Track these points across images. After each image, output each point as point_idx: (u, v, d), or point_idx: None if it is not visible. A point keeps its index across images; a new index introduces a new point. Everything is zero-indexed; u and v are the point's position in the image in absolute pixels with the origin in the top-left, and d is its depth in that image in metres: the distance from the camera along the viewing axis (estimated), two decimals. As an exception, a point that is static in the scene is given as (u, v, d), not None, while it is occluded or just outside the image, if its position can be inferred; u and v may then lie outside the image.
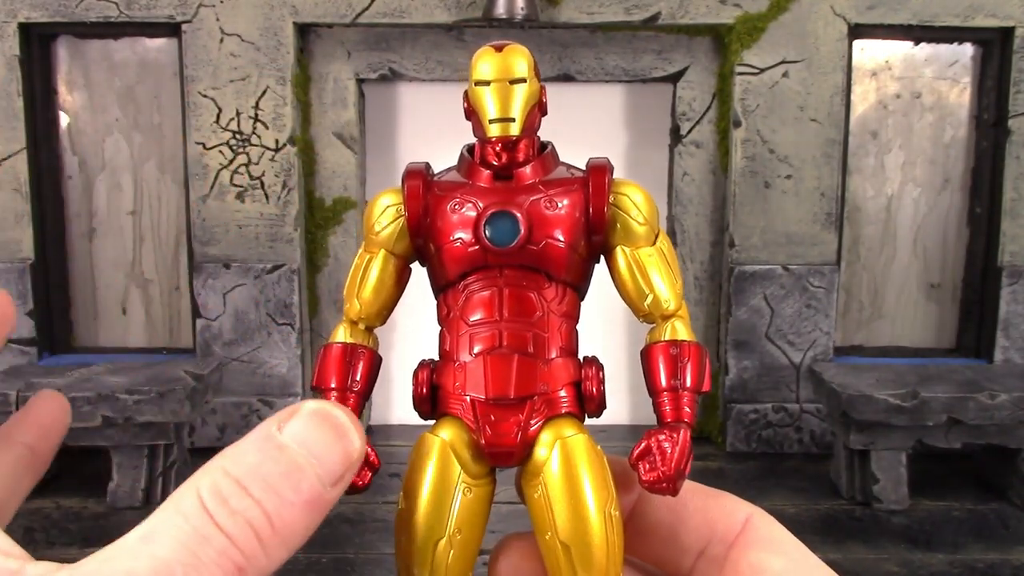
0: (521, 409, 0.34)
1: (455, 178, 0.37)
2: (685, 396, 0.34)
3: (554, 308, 0.35)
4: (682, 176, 3.09)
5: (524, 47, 0.36)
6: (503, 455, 0.34)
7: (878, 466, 2.61)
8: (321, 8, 2.87)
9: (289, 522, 0.27)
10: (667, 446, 0.33)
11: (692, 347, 0.35)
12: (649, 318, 0.37)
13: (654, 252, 0.36)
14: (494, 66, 0.35)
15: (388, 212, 0.37)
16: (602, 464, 0.34)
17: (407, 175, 0.37)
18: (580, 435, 0.34)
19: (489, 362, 0.34)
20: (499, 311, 0.35)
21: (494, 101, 0.35)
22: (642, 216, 0.36)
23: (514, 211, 0.35)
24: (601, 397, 0.36)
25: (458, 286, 0.36)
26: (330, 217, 3.09)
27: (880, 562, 2.30)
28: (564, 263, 0.36)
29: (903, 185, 3.11)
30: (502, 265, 0.35)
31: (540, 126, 0.37)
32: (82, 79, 3.05)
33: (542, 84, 0.37)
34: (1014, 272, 2.98)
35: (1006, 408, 2.51)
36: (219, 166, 2.95)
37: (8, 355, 2.99)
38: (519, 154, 0.36)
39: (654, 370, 0.35)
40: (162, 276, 3.16)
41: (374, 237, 0.37)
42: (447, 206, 0.36)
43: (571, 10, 2.86)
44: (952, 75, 3.05)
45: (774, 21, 2.88)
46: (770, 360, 3.05)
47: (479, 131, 0.36)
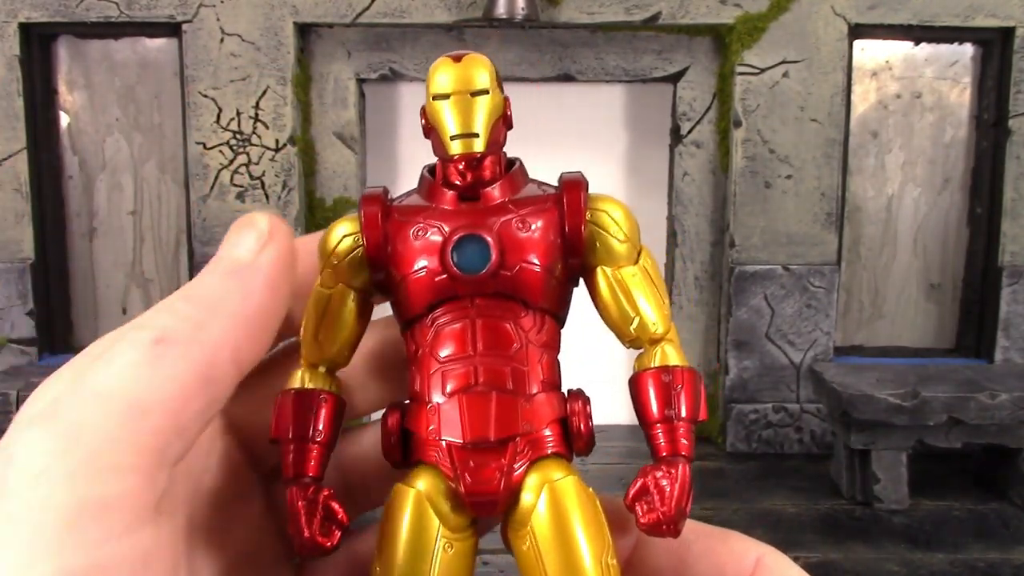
0: (503, 452, 0.31)
1: (416, 201, 0.34)
2: (681, 427, 0.31)
3: (533, 338, 0.32)
4: (682, 176, 3.09)
5: (484, 56, 0.33)
6: (486, 504, 0.31)
7: (878, 466, 2.61)
8: (321, 8, 2.87)
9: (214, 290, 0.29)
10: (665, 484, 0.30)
11: (685, 373, 0.32)
12: (636, 343, 0.34)
13: (637, 271, 0.33)
14: (452, 77, 0.32)
15: (344, 242, 0.34)
16: (595, 508, 0.31)
17: (363, 201, 0.34)
18: (569, 477, 0.31)
19: (465, 402, 0.31)
20: (472, 345, 0.32)
21: (454, 115, 0.32)
22: (622, 233, 0.33)
23: (484, 234, 0.32)
24: (590, 434, 0.32)
25: (425, 320, 0.33)
26: (330, 217, 3.09)
27: (880, 562, 2.30)
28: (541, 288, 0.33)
29: (903, 185, 3.11)
30: (473, 294, 0.32)
31: (506, 141, 0.34)
32: (82, 79, 3.05)
33: (506, 96, 0.34)
34: (1014, 272, 2.98)
35: (1006, 408, 2.51)
36: (219, 166, 2.95)
37: (8, 355, 2.99)
38: (485, 172, 0.33)
39: (645, 400, 0.32)
40: (162, 276, 3.16)
41: (330, 271, 0.34)
42: (409, 232, 0.33)
43: (571, 10, 2.86)
44: (952, 75, 3.05)
45: (774, 21, 2.88)
46: (770, 360, 3.05)
47: (439, 149, 0.33)
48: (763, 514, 2.59)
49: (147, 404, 0.25)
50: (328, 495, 0.31)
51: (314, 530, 0.31)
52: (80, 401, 0.25)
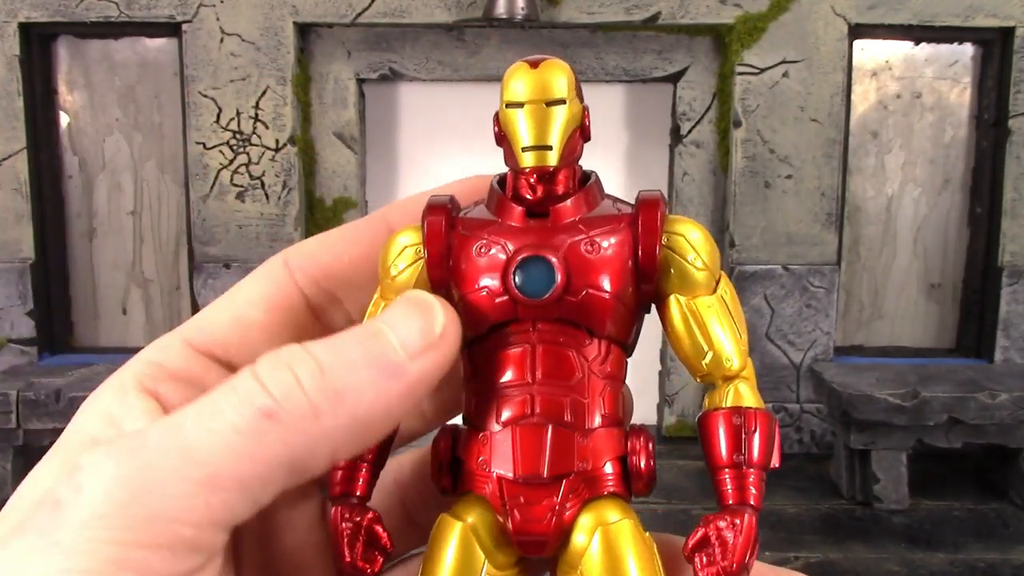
0: (556, 490, 0.29)
1: (483, 215, 0.32)
2: (751, 475, 0.30)
3: (596, 368, 0.30)
4: (682, 176, 3.09)
5: (564, 63, 0.31)
6: (534, 544, 0.29)
7: (878, 466, 2.61)
8: (321, 8, 2.87)
9: (347, 377, 0.25)
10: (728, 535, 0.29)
11: (760, 415, 0.31)
12: (708, 378, 0.32)
13: (714, 302, 0.31)
14: (528, 85, 0.30)
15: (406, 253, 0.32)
16: (651, 555, 0.29)
17: (428, 210, 0.32)
18: (626, 520, 0.29)
19: (519, 434, 0.29)
20: (531, 372, 0.30)
21: (528, 126, 0.30)
22: (700, 260, 0.31)
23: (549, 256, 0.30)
24: (651, 473, 0.30)
25: (484, 342, 0.31)
26: (330, 217, 3.09)
27: (880, 562, 2.30)
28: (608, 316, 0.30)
29: (903, 185, 3.12)
30: (535, 318, 0.30)
31: (582, 153, 0.32)
32: (82, 79, 3.05)
33: (585, 105, 0.31)
34: (1014, 272, 2.98)
35: (1006, 408, 2.51)
36: (219, 166, 2.95)
37: (8, 355, 2.99)
38: (557, 187, 0.31)
39: (714, 442, 0.30)
40: (162, 276, 3.16)
41: (390, 282, 0.32)
42: (473, 248, 0.31)
43: (571, 10, 2.86)
44: (952, 75, 3.05)
45: (774, 21, 2.88)
46: (770, 360, 3.05)
47: (511, 160, 0.31)
48: (763, 514, 2.56)
49: (227, 480, 0.24)
50: (373, 518, 0.30)
51: (356, 555, 0.30)
52: (163, 452, 0.24)
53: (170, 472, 0.23)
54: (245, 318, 0.32)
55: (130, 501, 0.23)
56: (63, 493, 0.23)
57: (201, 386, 0.29)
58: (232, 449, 0.24)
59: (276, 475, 0.24)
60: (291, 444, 0.24)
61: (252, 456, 0.24)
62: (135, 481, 0.23)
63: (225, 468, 0.24)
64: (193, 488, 0.23)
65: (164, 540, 0.23)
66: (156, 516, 0.23)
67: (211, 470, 0.24)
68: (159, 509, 0.23)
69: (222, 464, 0.24)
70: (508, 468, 0.29)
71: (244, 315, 0.32)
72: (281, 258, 0.33)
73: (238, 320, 0.32)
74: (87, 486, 0.23)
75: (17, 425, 2.51)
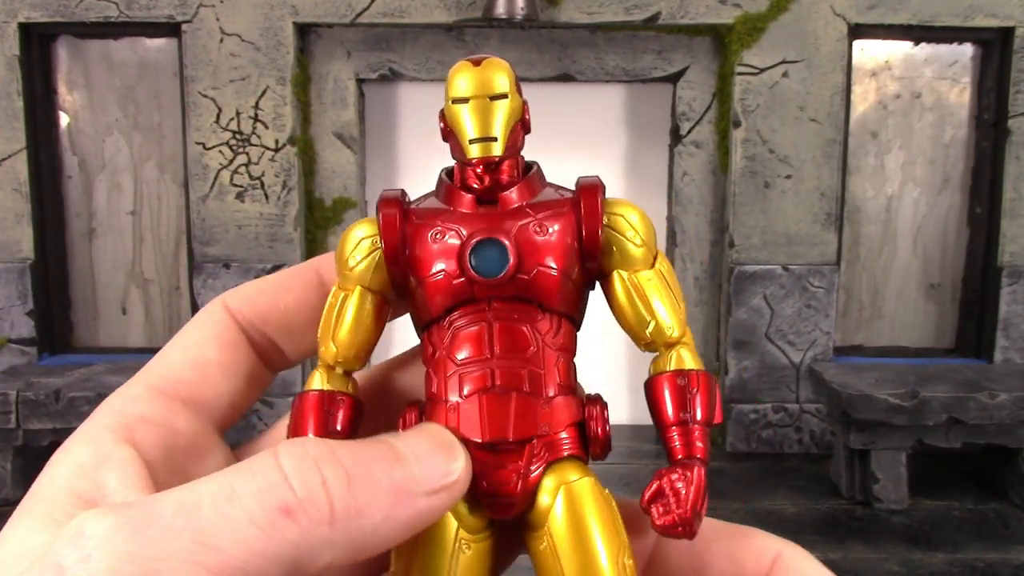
0: (520, 454, 0.31)
1: (434, 204, 0.34)
2: (696, 430, 0.32)
3: (549, 341, 0.33)
4: (682, 176, 3.09)
5: (503, 61, 0.33)
6: (503, 505, 0.31)
7: (878, 466, 2.61)
8: (321, 8, 2.87)
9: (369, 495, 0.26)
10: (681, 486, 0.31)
11: (701, 376, 0.32)
12: (652, 347, 0.34)
13: (653, 275, 0.33)
14: (472, 81, 0.32)
15: (363, 245, 0.34)
16: (611, 509, 0.31)
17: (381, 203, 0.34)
18: (586, 479, 0.31)
19: (485, 402, 0.31)
20: (489, 348, 0.32)
21: (473, 119, 0.32)
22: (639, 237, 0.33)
23: (501, 238, 0.32)
24: (607, 438, 0.33)
25: (443, 322, 0.33)
26: (330, 217, 3.09)
27: (880, 561, 2.30)
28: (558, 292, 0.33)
29: (903, 185, 3.12)
30: (490, 298, 0.32)
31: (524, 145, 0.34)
32: (82, 79, 3.05)
33: (524, 100, 0.34)
34: (1014, 272, 2.98)
35: (1006, 408, 2.51)
36: (219, 166, 2.95)
37: (8, 355, 2.99)
38: (503, 176, 0.33)
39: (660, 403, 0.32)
40: (162, 276, 3.16)
41: (348, 273, 0.34)
42: (427, 235, 0.33)
43: (571, 10, 2.86)
44: (952, 75, 3.05)
45: (774, 21, 2.88)
46: (770, 360, 3.05)
47: (458, 153, 0.33)
48: (763, 514, 2.59)
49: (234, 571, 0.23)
50: None
51: None
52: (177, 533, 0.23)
53: (182, 555, 0.23)
54: (202, 358, 0.33)
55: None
56: (67, 559, 0.22)
57: (172, 429, 0.30)
58: (246, 542, 0.23)
59: (276, 572, 0.24)
60: (300, 545, 0.24)
61: (263, 551, 0.24)
62: (145, 559, 0.22)
63: (235, 559, 0.23)
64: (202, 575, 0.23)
65: None
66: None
67: (223, 559, 0.23)
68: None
69: (233, 554, 0.23)
70: (476, 434, 0.31)
71: (200, 356, 0.33)
72: (220, 302, 0.34)
73: (195, 361, 0.32)
74: (95, 558, 0.22)
75: (17, 425, 2.51)
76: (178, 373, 0.32)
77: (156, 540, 0.23)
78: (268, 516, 0.24)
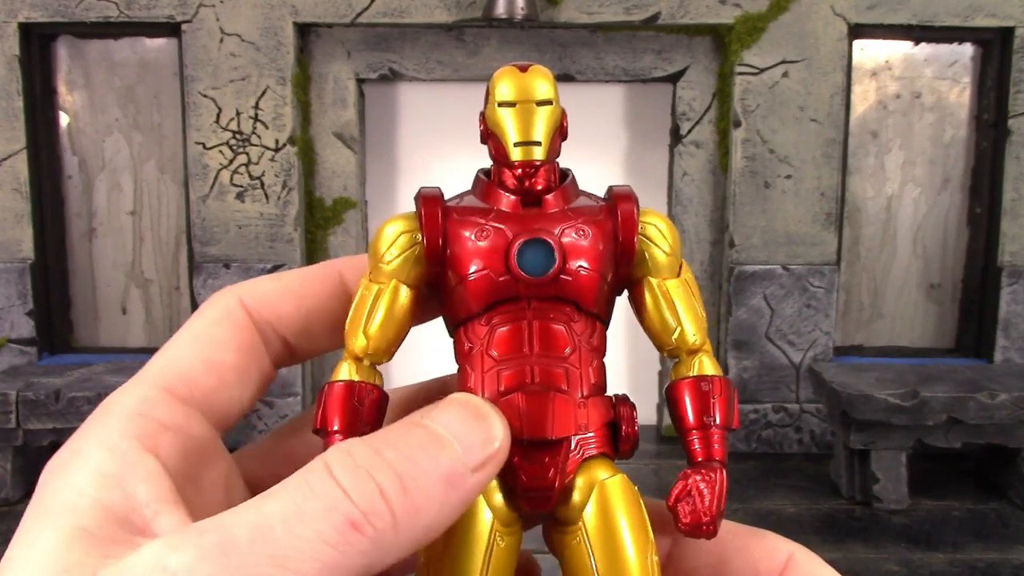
0: (558, 451, 0.32)
1: (474, 203, 0.35)
2: (716, 433, 0.33)
3: (585, 342, 0.34)
4: (682, 176, 3.09)
5: (547, 69, 0.34)
6: (542, 499, 0.32)
7: (878, 466, 2.61)
8: (321, 8, 2.87)
9: (424, 491, 0.26)
10: (704, 487, 0.32)
11: (721, 383, 0.34)
12: (674, 352, 0.35)
13: (680, 284, 0.35)
14: (519, 86, 0.33)
15: (401, 240, 0.34)
16: (640, 508, 0.32)
17: (424, 200, 0.34)
18: (617, 476, 0.32)
19: (524, 400, 0.32)
20: (529, 346, 0.33)
21: (517, 123, 0.33)
22: (668, 246, 0.35)
23: (548, 238, 0.33)
24: (635, 437, 0.34)
25: (481, 319, 0.34)
26: (330, 217, 3.09)
27: (880, 562, 2.30)
28: (595, 294, 0.34)
29: (903, 185, 3.12)
30: (532, 296, 0.33)
31: (561, 152, 0.35)
32: (82, 79, 3.05)
33: (563, 109, 0.35)
34: (1014, 272, 2.98)
35: (1006, 408, 2.51)
36: (219, 166, 2.95)
37: (8, 355, 2.99)
38: (540, 181, 0.34)
39: (682, 407, 0.34)
40: (162, 276, 3.16)
41: (383, 267, 0.34)
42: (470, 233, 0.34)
43: (571, 10, 2.86)
44: (952, 75, 3.05)
45: (774, 21, 2.88)
46: (770, 360, 3.05)
47: (499, 155, 0.34)
48: (763, 514, 2.59)
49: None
50: None
51: None
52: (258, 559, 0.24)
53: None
54: (217, 362, 0.32)
55: None
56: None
57: (188, 435, 0.30)
58: (321, 560, 0.24)
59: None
60: (369, 554, 0.25)
61: (336, 566, 0.24)
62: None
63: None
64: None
65: None
66: None
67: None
68: None
69: (310, 574, 0.24)
70: (515, 431, 0.31)
71: (216, 359, 0.32)
72: (236, 298, 0.34)
73: (212, 364, 0.32)
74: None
75: (17, 425, 2.51)
76: (194, 375, 0.31)
77: (238, 569, 0.23)
78: (338, 533, 0.24)
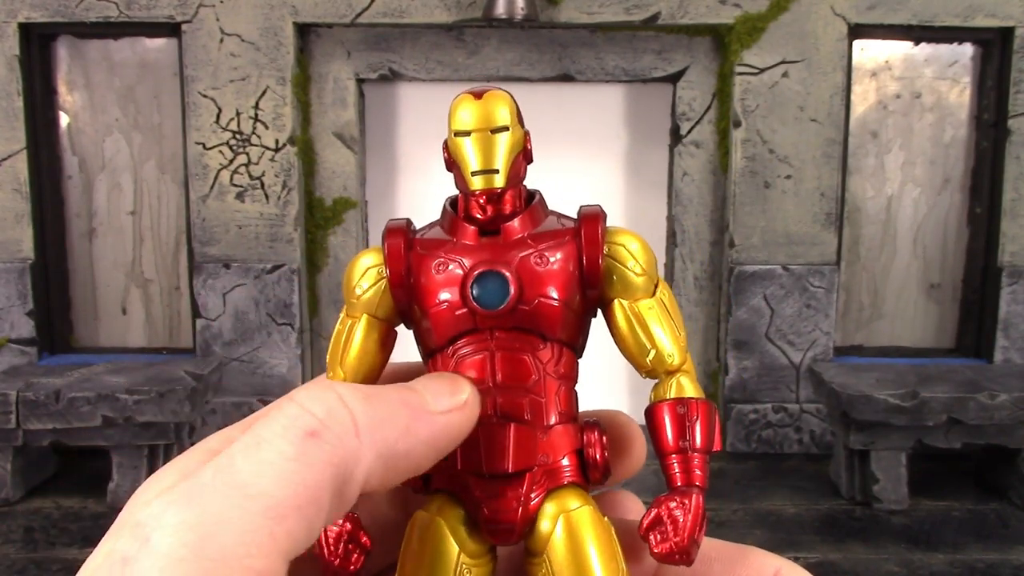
0: (520, 483, 0.32)
1: (439, 235, 0.35)
2: (696, 458, 0.33)
3: (551, 370, 0.33)
4: (682, 176, 3.09)
5: (505, 92, 0.34)
6: (504, 532, 0.32)
7: (878, 466, 2.61)
8: (321, 8, 2.87)
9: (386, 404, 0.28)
10: (679, 514, 0.31)
11: (700, 405, 0.33)
12: (652, 374, 0.35)
13: (654, 304, 0.34)
14: (474, 115, 0.33)
15: (369, 274, 0.34)
16: (610, 537, 0.32)
17: (387, 233, 0.34)
18: (585, 507, 0.32)
19: (483, 433, 0.32)
20: (492, 377, 0.33)
21: (475, 152, 0.33)
22: (639, 266, 0.34)
23: (502, 270, 0.33)
24: (605, 465, 0.33)
25: (447, 351, 0.34)
26: (330, 217, 3.09)
27: (880, 562, 2.30)
28: (559, 322, 0.33)
29: (903, 185, 3.11)
30: (493, 327, 0.33)
31: (526, 174, 0.35)
32: (82, 79, 3.05)
33: (526, 131, 0.35)
34: (1014, 272, 2.98)
35: (1006, 408, 2.51)
36: (219, 166, 2.95)
37: (8, 355, 2.99)
38: (505, 206, 0.34)
39: (660, 431, 0.33)
40: (162, 276, 3.16)
41: (355, 301, 0.35)
42: (431, 265, 0.34)
43: (571, 10, 2.86)
44: (952, 75, 3.05)
45: (774, 21, 2.88)
46: (770, 360, 3.05)
47: (461, 184, 0.34)
48: (763, 514, 2.59)
49: (286, 508, 0.24)
50: (352, 520, 0.32)
51: (338, 554, 0.32)
52: (223, 492, 0.24)
53: (229, 507, 0.24)
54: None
55: (200, 544, 0.23)
56: (129, 549, 0.23)
57: None
58: (286, 477, 0.25)
59: (325, 496, 0.25)
60: (334, 462, 0.26)
61: (304, 481, 0.25)
62: (200, 524, 0.23)
63: (283, 497, 0.24)
64: (257, 521, 0.24)
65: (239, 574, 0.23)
66: (228, 554, 0.23)
67: (270, 501, 0.24)
68: (230, 547, 0.23)
69: (279, 493, 0.24)
70: (476, 466, 0.32)
71: None
72: None
73: None
74: (153, 537, 0.23)
75: (17, 425, 2.51)
76: None
77: (205, 505, 0.24)
78: (298, 446, 0.25)
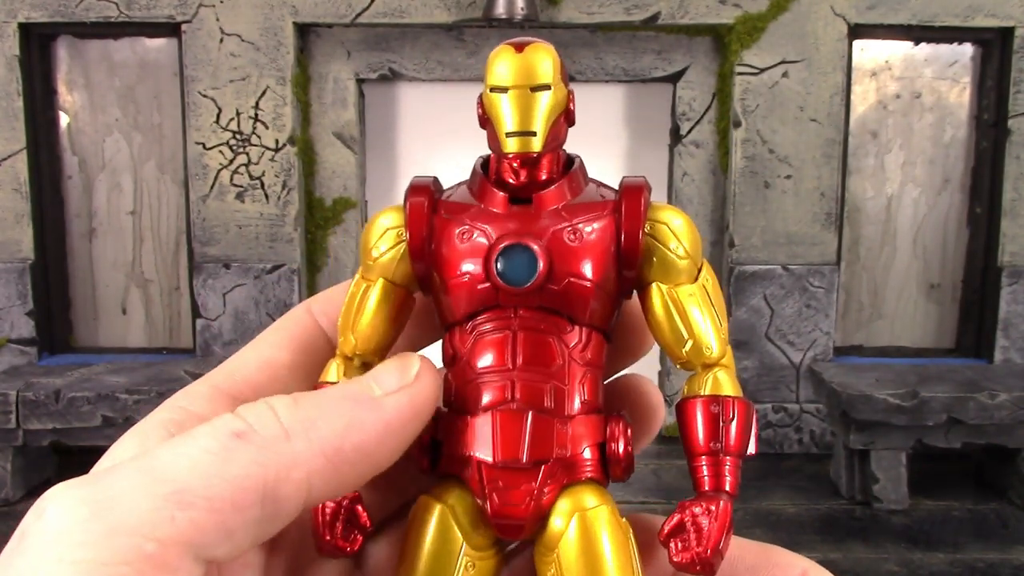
0: (534, 475, 0.29)
1: (465, 197, 0.31)
2: (727, 461, 0.30)
3: (576, 356, 0.30)
4: (682, 176, 3.09)
5: (549, 45, 0.30)
6: (512, 528, 0.29)
7: (878, 466, 2.61)
8: (321, 8, 2.87)
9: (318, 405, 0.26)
10: (704, 521, 0.29)
11: (738, 403, 0.31)
12: (687, 365, 0.32)
13: (695, 290, 0.31)
14: (513, 69, 0.29)
15: (388, 235, 0.31)
16: (627, 541, 0.29)
17: (410, 191, 0.31)
18: (603, 507, 0.29)
19: (499, 419, 0.29)
20: (512, 358, 0.30)
21: (512, 111, 0.29)
22: (682, 248, 0.31)
23: (531, 244, 0.30)
24: (629, 459, 0.30)
25: (465, 326, 0.31)
26: (330, 217, 3.09)
27: (880, 562, 2.30)
28: (589, 304, 0.30)
29: (903, 185, 3.11)
30: (517, 305, 0.30)
31: (566, 138, 0.31)
32: (82, 79, 3.05)
33: (570, 90, 0.31)
34: (1014, 272, 2.98)
35: (1006, 408, 2.51)
36: (219, 166, 2.95)
37: (8, 355, 2.99)
38: (541, 172, 0.30)
39: (691, 429, 0.30)
40: (162, 276, 3.16)
41: (371, 263, 0.32)
42: (455, 233, 0.31)
43: (571, 10, 2.86)
44: (952, 75, 3.05)
45: (774, 21, 2.88)
46: (770, 360, 3.05)
47: (494, 144, 0.30)
48: (763, 514, 2.59)
49: (196, 497, 0.23)
50: (353, 498, 0.30)
51: (336, 533, 0.30)
52: (129, 474, 0.24)
53: (132, 488, 0.23)
54: (273, 360, 0.33)
55: (89, 517, 0.22)
56: (28, 524, 0.23)
57: None
58: (200, 467, 0.24)
59: (248, 498, 0.24)
60: (263, 464, 0.24)
61: (221, 474, 0.24)
62: (96, 501, 0.23)
63: (193, 485, 0.23)
64: (157, 502, 0.23)
65: (126, 556, 0.22)
66: (115, 529, 0.22)
67: (177, 486, 0.23)
68: (119, 522, 0.22)
69: (189, 480, 0.23)
70: (488, 453, 0.29)
71: (271, 357, 0.33)
72: (305, 305, 0.34)
73: (265, 362, 0.33)
74: (48, 512, 0.23)
75: (17, 425, 2.51)
76: (246, 373, 0.32)
77: (109, 485, 0.23)
78: (221, 442, 0.24)
